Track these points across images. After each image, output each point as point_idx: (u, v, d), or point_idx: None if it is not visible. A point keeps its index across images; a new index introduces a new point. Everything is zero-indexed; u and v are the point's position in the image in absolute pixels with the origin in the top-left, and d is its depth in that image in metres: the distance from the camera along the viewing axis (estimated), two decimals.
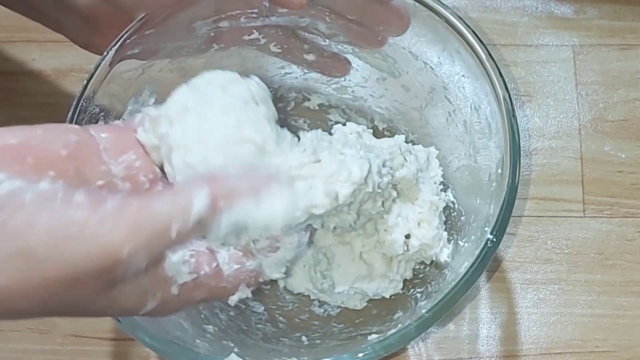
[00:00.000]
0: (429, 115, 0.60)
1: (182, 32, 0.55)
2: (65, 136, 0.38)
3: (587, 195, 0.66)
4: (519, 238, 0.65)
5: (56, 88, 0.70)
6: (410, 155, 0.57)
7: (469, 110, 0.55)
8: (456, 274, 0.49)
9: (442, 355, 0.61)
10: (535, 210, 0.65)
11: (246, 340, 0.55)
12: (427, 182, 0.58)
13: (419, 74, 0.58)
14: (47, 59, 0.71)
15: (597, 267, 0.63)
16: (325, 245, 0.56)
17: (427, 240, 0.55)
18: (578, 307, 0.62)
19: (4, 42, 0.72)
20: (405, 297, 0.57)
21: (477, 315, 0.62)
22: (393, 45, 0.57)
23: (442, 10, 0.53)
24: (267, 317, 0.58)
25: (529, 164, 0.67)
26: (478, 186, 0.54)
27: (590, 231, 0.65)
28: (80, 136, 0.39)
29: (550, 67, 0.70)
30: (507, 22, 0.72)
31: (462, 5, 0.73)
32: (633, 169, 0.67)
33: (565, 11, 0.73)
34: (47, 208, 0.33)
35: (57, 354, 0.61)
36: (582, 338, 0.61)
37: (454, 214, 0.59)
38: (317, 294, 0.58)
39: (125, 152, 0.41)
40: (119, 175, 0.40)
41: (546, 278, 0.63)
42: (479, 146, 0.55)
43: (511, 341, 0.61)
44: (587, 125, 0.68)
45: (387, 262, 0.56)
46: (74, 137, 0.39)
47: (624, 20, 0.72)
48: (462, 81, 0.55)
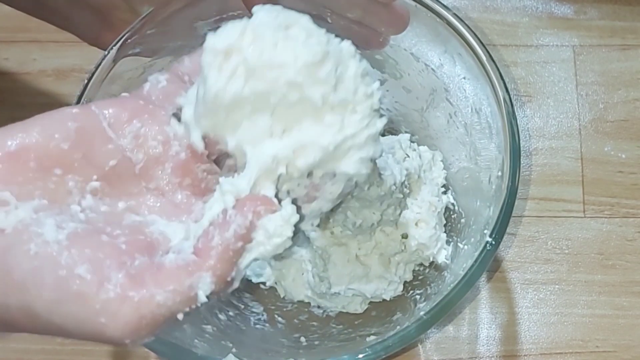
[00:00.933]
0: (430, 117, 0.60)
1: (184, 31, 0.55)
2: (64, 126, 0.37)
3: (588, 195, 0.66)
4: (519, 238, 0.65)
5: (56, 88, 0.70)
6: (413, 152, 0.58)
7: (470, 111, 0.55)
8: (455, 276, 0.49)
9: (442, 355, 0.61)
10: (536, 211, 0.65)
11: (245, 340, 0.55)
12: (429, 183, 0.58)
13: (420, 75, 0.58)
14: (48, 59, 0.71)
15: (598, 267, 0.63)
16: (322, 246, 0.56)
17: (424, 240, 0.55)
18: (578, 307, 0.62)
19: (5, 42, 0.72)
20: (404, 299, 0.57)
21: (477, 316, 0.62)
22: (394, 47, 0.57)
23: (443, 12, 0.53)
24: (266, 318, 0.59)
25: (529, 164, 0.67)
26: (478, 188, 0.54)
27: (591, 231, 0.65)
28: (80, 120, 0.37)
29: (550, 67, 0.70)
30: (507, 22, 0.72)
31: (462, 5, 0.73)
32: (633, 169, 0.67)
33: (565, 11, 0.73)
34: (52, 268, 0.33)
35: (57, 353, 0.61)
36: (583, 338, 0.61)
37: (454, 215, 0.59)
38: (316, 300, 0.59)
39: (130, 122, 0.38)
40: (129, 147, 0.38)
41: (546, 278, 0.63)
42: (480, 148, 0.55)
43: (511, 341, 0.61)
44: (587, 126, 0.68)
45: (385, 263, 0.57)
46: (73, 124, 0.37)
47: (624, 20, 0.72)
48: (463, 83, 0.55)
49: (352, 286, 0.56)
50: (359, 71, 0.37)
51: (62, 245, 0.33)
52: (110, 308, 0.33)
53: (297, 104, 0.36)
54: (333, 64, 0.36)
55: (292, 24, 0.37)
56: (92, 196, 0.37)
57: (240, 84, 0.36)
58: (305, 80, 0.36)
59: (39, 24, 0.60)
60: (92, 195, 0.37)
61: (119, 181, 0.38)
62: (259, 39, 0.36)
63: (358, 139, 0.37)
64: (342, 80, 0.36)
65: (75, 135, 0.37)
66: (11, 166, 0.35)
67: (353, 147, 0.37)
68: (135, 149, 0.38)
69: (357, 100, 0.37)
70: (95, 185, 0.37)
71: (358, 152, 0.37)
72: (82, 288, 0.33)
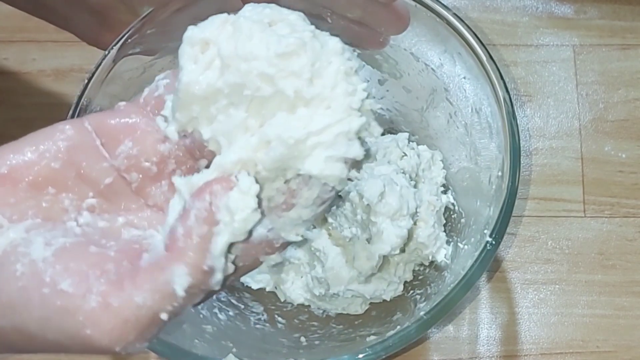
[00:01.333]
0: (430, 116, 0.60)
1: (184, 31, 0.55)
2: (55, 146, 0.36)
3: (588, 195, 0.66)
4: (519, 238, 0.64)
5: (56, 88, 0.70)
6: (411, 150, 0.58)
7: (470, 111, 0.55)
8: (455, 276, 0.49)
9: (442, 355, 0.61)
10: (536, 211, 0.65)
11: (245, 340, 0.55)
12: (427, 182, 0.58)
13: (420, 75, 0.58)
14: (47, 59, 0.71)
15: (598, 267, 0.63)
16: (319, 247, 0.56)
17: (422, 239, 0.55)
18: (578, 307, 0.62)
19: (4, 42, 0.72)
20: (404, 299, 0.57)
21: (477, 316, 0.62)
22: (394, 47, 0.57)
23: (443, 12, 0.53)
24: (266, 318, 0.58)
25: (529, 164, 0.67)
26: (478, 188, 0.54)
27: (591, 231, 0.65)
28: (72, 139, 0.36)
29: (550, 67, 0.70)
30: (507, 22, 0.72)
31: (462, 5, 0.72)
32: (633, 169, 0.67)
33: (565, 11, 0.73)
34: (37, 287, 0.33)
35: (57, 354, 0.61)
36: (583, 338, 0.61)
37: (454, 215, 0.59)
38: (316, 302, 0.59)
39: (121, 142, 0.37)
40: (122, 168, 0.37)
41: (547, 278, 0.63)
42: (480, 148, 0.55)
43: (511, 341, 0.61)
44: (587, 125, 0.68)
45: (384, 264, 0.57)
46: (64, 144, 0.36)
47: (624, 20, 0.72)
48: (463, 82, 0.55)
49: (351, 287, 0.56)
50: (343, 68, 0.35)
51: (48, 262, 0.33)
52: (94, 318, 0.32)
53: (272, 98, 0.35)
54: (310, 58, 0.34)
55: (277, 20, 0.36)
56: (90, 213, 0.37)
57: (214, 76, 0.35)
58: (277, 73, 0.34)
59: (38, 24, 0.60)
60: (90, 212, 0.37)
61: (116, 197, 0.37)
62: (237, 31, 0.35)
63: (325, 136, 0.34)
64: (320, 75, 0.35)
65: (66, 154, 0.36)
66: (3, 189, 0.35)
67: (320, 145, 0.34)
68: (128, 169, 0.38)
69: (334, 96, 0.34)
70: (92, 202, 0.37)
71: (325, 151, 0.34)
72: (66, 302, 0.32)
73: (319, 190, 0.35)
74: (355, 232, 0.55)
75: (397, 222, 0.54)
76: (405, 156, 0.59)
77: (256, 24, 0.35)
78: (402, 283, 0.58)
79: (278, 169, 0.35)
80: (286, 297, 0.59)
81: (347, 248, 0.56)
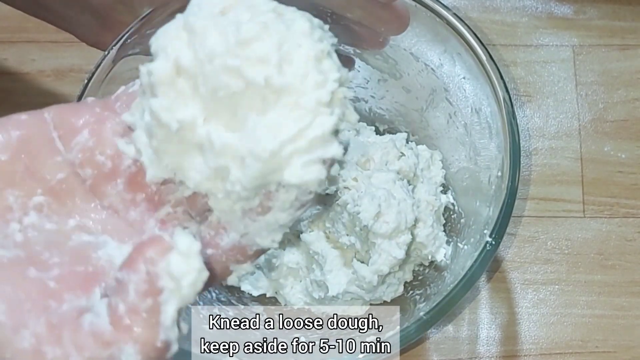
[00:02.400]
0: (430, 117, 0.60)
1: None
2: (6, 135, 0.33)
3: (587, 195, 0.66)
4: (519, 238, 0.64)
5: (56, 88, 0.70)
6: (410, 150, 0.58)
7: (470, 111, 0.56)
8: (455, 276, 0.49)
9: (442, 355, 0.61)
10: (535, 211, 0.65)
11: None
12: (426, 182, 0.58)
13: (419, 75, 0.58)
14: (47, 60, 0.71)
15: (597, 267, 0.63)
16: (318, 250, 0.56)
17: (421, 238, 0.55)
18: (578, 307, 0.62)
19: (4, 42, 0.72)
20: (404, 299, 0.57)
21: (477, 316, 0.62)
22: (394, 47, 0.57)
23: (443, 12, 0.53)
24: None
25: (529, 164, 0.67)
26: (478, 188, 0.54)
27: (590, 231, 0.65)
28: (26, 128, 0.33)
29: (550, 67, 0.70)
30: (507, 22, 0.72)
31: (462, 5, 0.73)
32: (633, 169, 0.67)
33: (565, 11, 0.73)
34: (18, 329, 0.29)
35: None
36: (582, 338, 0.61)
37: (453, 216, 0.59)
38: (316, 305, 0.58)
39: (78, 133, 0.34)
40: (76, 162, 0.34)
41: (546, 278, 0.63)
42: (480, 148, 0.55)
43: (511, 342, 0.61)
44: (587, 126, 0.68)
45: None
46: (16, 133, 0.33)
47: (624, 20, 0.72)
48: (463, 82, 0.55)
49: (351, 289, 0.56)
50: (312, 53, 0.31)
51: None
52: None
53: (245, 93, 0.31)
54: (274, 41, 0.31)
55: (231, 6, 0.32)
56: (37, 212, 0.33)
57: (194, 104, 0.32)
58: (243, 63, 0.31)
59: (38, 24, 0.60)
60: (37, 211, 0.33)
61: (68, 196, 0.34)
62: (191, 35, 0.32)
63: (300, 142, 0.31)
64: (290, 61, 0.31)
65: (17, 145, 0.33)
66: None
67: (295, 153, 0.31)
68: (82, 164, 0.34)
69: (304, 89, 0.31)
70: (40, 200, 0.33)
71: (301, 158, 0.31)
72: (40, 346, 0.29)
73: (297, 192, 0.32)
74: (354, 242, 0.55)
75: (396, 239, 0.54)
76: (403, 156, 0.59)
77: (207, 18, 0.32)
78: (401, 284, 0.58)
79: (258, 186, 0.32)
80: (286, 302, 0.59)
81: (345, 250, 0.56)
